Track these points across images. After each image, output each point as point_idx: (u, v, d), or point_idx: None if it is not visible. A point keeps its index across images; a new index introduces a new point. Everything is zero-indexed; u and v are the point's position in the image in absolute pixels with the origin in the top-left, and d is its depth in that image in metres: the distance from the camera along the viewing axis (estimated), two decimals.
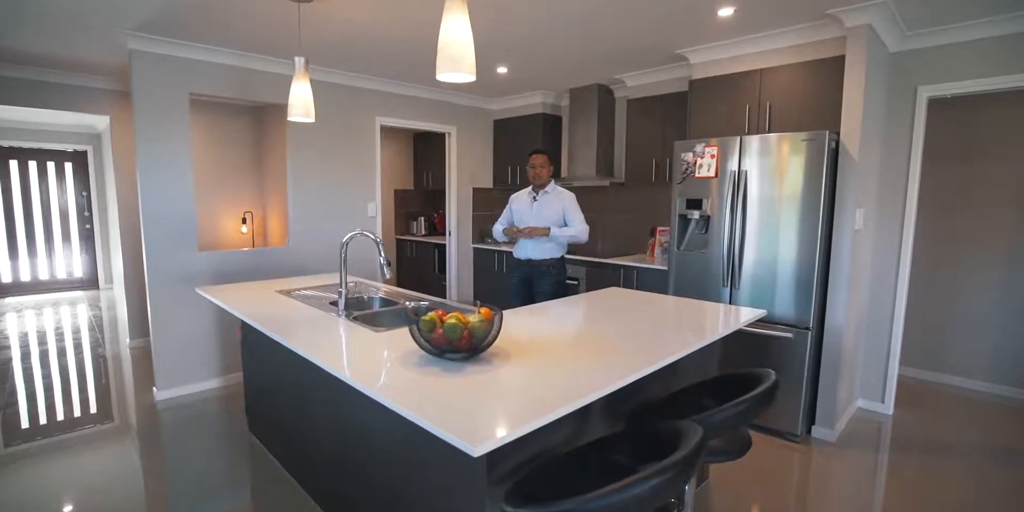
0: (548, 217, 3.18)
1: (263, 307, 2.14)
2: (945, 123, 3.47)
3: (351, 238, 2.00)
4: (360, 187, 4.09)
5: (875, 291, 3.09)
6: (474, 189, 5.02)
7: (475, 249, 5.08)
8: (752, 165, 2.77)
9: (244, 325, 2.65)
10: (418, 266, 5.81)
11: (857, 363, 3.06)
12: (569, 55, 3.42)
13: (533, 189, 3.28)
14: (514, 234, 3.20)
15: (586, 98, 4.23)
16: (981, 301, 3.47)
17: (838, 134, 2.64)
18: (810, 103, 2.82)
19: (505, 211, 3.42)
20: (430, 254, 5.69)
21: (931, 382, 3.61)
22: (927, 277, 3.62)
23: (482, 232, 5.16)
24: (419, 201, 6.39)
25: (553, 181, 3.26)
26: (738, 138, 2.81)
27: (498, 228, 3.37)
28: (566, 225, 3.18)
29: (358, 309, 2.37)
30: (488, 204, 5.20)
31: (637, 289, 3.68)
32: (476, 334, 1.40)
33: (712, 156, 2.92)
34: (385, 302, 2.44)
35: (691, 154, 3.02)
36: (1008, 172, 3.31)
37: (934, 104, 3.07)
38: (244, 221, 4.87)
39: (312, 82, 3.66)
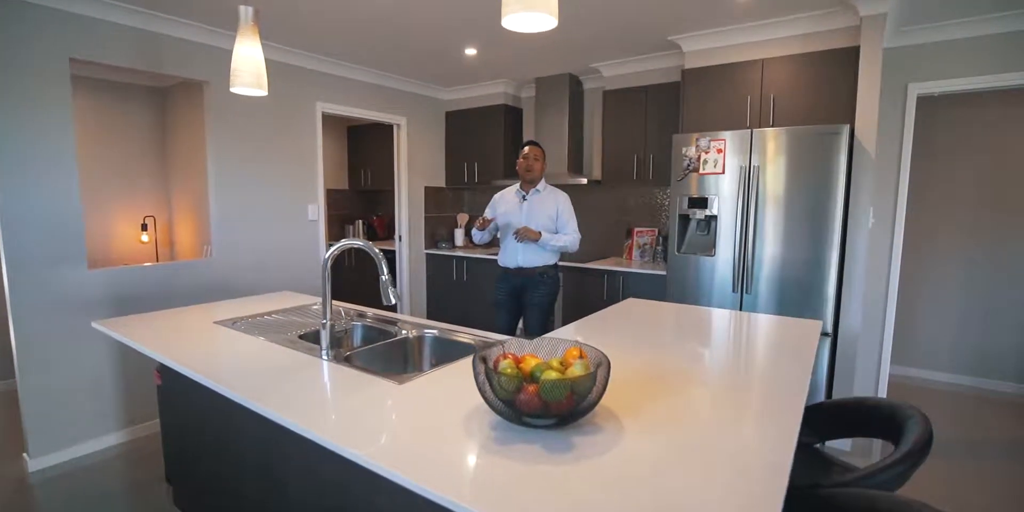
0: (539, 220, 2.78)
1: (205, 348, 1.54)
2: None
3: (338, 251, 1.46)
4: (299, 186, 3.43)
5: (869, 289, 3.05)
6: (426, 188, 4.50)
7: (428, 255, 4.55)
8: (765, 160, 2.58)
9: (163, 366, 1.97)
10: (359, 276, 5.15)
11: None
12: (549, 38, 3.05)
13: (521, 187, 2.86)
14: (503, 230, 2.77)
15: (556, 89, 3.89)
16: (942, 295, 3.59)
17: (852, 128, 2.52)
18: (817, 96, 2.68)
19: (487, 211, 2.98)
20: (371, 262, 5.06)
21: (900, 376, 3.70)
22: None
23: (435, 236, 4.65)
24: (355, 203, 5.71)
25: (544, 180, 2.86)
26: (749, 131, 2.60)
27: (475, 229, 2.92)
28: (557, 230, 2.81)
29: (336, 344, 1.82)
30: (440, 205, 4.69)
31: (624, 296, 3.41)
32: (578, 392, 0.98)
33: (719, 151, 2.70)
34: (371, 331, 1.91)
35: (694, 149, 2.78)
36: (967, 171, 3.45)
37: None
38: (144, 228, 3.95)
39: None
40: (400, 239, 4.36)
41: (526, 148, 2.81)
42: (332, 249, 1.45)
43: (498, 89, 4.20)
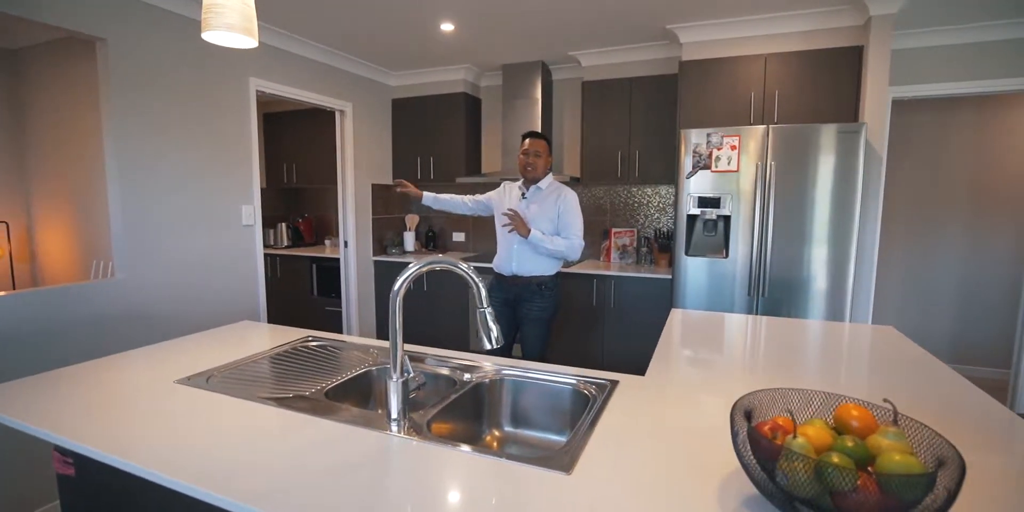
0: (538, 223, 2.40)
1: (190, 433, 0.98)
2: None
3: (416, 274, 1.00)
4: (230, 182, 2.72)
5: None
6: (372, 186, 3.92)
7: (377, 263, 3.98)
8: (781, 158, 2.48)
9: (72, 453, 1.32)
10: (286, 289, 4.38)
11: None
12: (536, 20, 2.71)
13: (524, 184, 2.49)
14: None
15: (527, 77, 3.55)
16: (885, 287, 3.86)
17: None
18: (818, 94, 2.65)
19: (486, 194, 2.61)
20: (303, 271, 4.33)
21: None
22: None
23: (383, 240, 4.08)
24: (276, 203, 4.88)
25: (551, 175, 2.51)
26: (765, 127, 2.49)
27: (443, 196, 2.68)
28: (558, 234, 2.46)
29: (379, 403, 1.33)
30: (387, 205, 4.13)
31: (616, 302, 3.18)
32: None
33: (733, 147, 2.56)
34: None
35: (705, 145, 2.61)
36: (916, 173, 3.71)
37: None
38: None
39: (150, 11, 2.26)
40: (345, 246, 3.74)
41: (526, 141, 2.43)
42: (410, 272, 0.99)
43: (457, 76, 3.76)
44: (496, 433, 1.28)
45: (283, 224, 4.62)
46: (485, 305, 1.03)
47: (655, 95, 3.16)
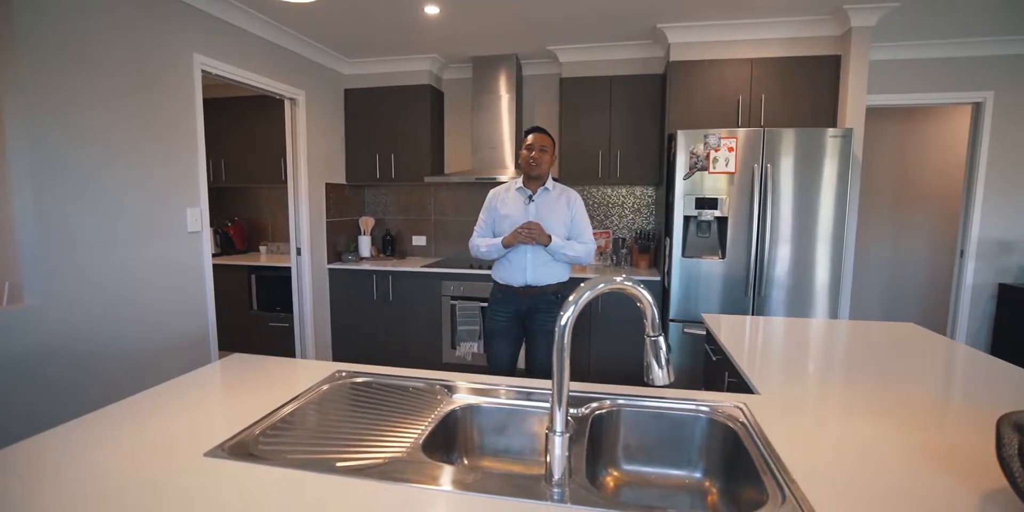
0: (551, 226, 2.23)
1: None
2: None
3: (591, 297, 0.77)
4: (172, 180, 2.24)
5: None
6: (327, 185, 3.50)
7: (332, 272, 3.57)
8: (775, 160, 2.53)
9: None
10: (219, 303, 3.77)
11: None
12: (526, 9, 2.55)
13: (526, 185, 2.29)
14: (515, 239, 2.17)
15: (501, 71, 3.36)
16: None
17: None
18: (800, 99, 2.75)
19: (482, 217, 2.34)
20: (240, 283, 3.78)
21: None
22: None
23: (336, 246, 3.67)
24: None
25: (551, 176, 2.33)
26: (760, 130, 2.53)
27: (480, 242, 2.28)
28: (569, 238, 2.31)
29: (470, 451, 1.09)
30: (340, 207, 3.72)
31: (603, 305, 3.10)
32: None
33: (730, 149, 2.57)
34: (510, 416, 1.19)
35: (702, 146, 2.60)
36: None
37: None
38: None
39: None
40: (299, 253, 3.30)
41: (529, 136, 2.24)
42: (582, 297, 0.78)
43: (422, 66, 3.46)
44: (615, 473, 1.10)
45: (211, 229, 3.99)
46: (657, 332, 0.85)
47: (637, 95, 3.12)
